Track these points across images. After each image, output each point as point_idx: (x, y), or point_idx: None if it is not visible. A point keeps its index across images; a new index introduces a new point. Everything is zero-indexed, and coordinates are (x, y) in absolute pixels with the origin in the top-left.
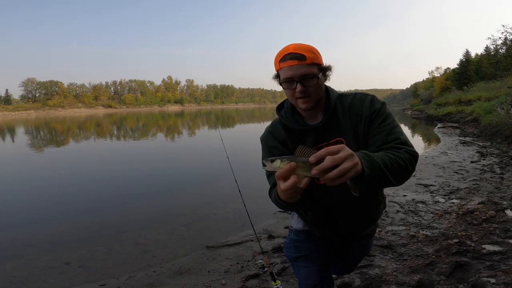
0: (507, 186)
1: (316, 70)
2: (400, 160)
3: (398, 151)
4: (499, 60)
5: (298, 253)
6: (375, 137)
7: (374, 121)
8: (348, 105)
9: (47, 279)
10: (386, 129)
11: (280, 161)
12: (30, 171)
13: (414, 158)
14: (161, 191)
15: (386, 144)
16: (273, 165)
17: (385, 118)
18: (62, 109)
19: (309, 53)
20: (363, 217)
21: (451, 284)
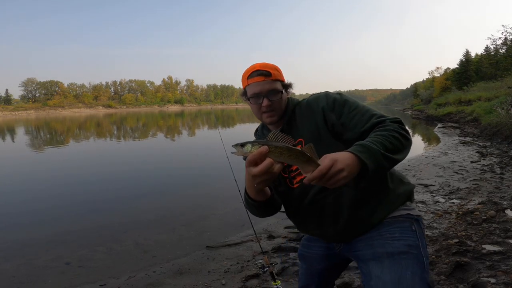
0: (507, 186)
1: (280, 86)
2: (394, 133)
3: (385, 126)
4: (499, 60)
5: (302, 251)
6: (352, 122)
7: (339, 109)
8: (305, 106)
9: (47, 279)
10: (357, 111)
11: (251, 145)
12: (30, 171)
13: (402, 123)
14: (161, 191)
15: (367, 123)
16: (244, 149)
17: (348, 102)
18: (62, 109)
19: (274, 71)
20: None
21: (451, 284)
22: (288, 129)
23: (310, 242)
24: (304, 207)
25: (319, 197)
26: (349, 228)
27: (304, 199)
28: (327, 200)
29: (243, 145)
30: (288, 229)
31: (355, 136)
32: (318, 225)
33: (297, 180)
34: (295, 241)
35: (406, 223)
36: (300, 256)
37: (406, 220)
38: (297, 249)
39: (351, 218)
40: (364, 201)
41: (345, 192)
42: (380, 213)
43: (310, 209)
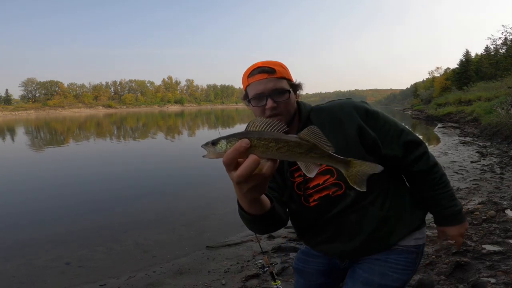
0: (507, 186)
1: (286, 84)
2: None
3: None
4: (499, 60)
5: (298, 265)
6: (387, 138)
7: (372, 122)
8: (326, 115)
9: (47, 279)
10: (389, 125)
11: (226, 142)
12: (30, 171)
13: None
14: (161, 191)
15: (399, 140)
16: (217, 148)
17: (379, 115)
18: (62, 109)
19: (278, 67)
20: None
21: (451, 284)
22: None
23: (309, 257)
24: (318, 224)
25: (342, 215)
26: (364, 247)
27: (321, 217)
28: (348, 218)
29: (215, 143)
30: (288, 229)
31: (392, 153)
32: (329, 241)
33: (315, 198)
34: (295, 241)
35: (413, 254)
36: (297, 270)
37: (414, 252)
38: (297, 249)
39: (370, 237)
40: (386, 221)
41: (371, 212)
42: (398, 234)
43: (325, 226)
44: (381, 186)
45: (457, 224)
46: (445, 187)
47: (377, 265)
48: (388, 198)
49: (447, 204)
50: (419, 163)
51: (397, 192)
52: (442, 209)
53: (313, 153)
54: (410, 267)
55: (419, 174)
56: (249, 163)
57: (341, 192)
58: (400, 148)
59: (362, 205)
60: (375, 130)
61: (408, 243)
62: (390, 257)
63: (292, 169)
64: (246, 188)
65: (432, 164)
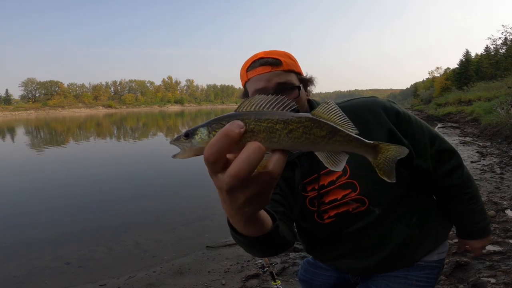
0: (507, 186)
1: (295, 79)
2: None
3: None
4: (499, 60)
5: (305, 277)
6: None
7: (404, 127)
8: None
9: (47, 279)
10: (421, 131)
11: (207, 130)
12: (30, 171)
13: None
14: (161, 191)
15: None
16: (194, 141)
17: (410, 118)
18: (62, 109)
19: (285, 58)
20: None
21: (451, 284)
22: None
23: (317, 269)
24: (331, 240)
25: (362, 232)
26: (383, 265)
27: (336, 234)
28: (369, 236)
29: (190, 134)
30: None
31: (424, 165)
32: (343, 257)
33: (331, 215)
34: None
35: (435, 270)
36: (302, 282)
37: (437, 267)
38: (297, 249)
39: (392, 255)
40: (412, 239)
41: (397, 229)
42: (423, 251)
43: (340, 242)
44: (408, 202)
45: (484, 237)
46: (477, 202)
47: (396, 283)
48: (416, 214)
49: (478, 219)
50: (453, 176)
51: (425, 207)
52: (472, 224)
53: (339, 136)
54: (431, 283)
55: (452, 188)
56: (249, 155)
57: (364, 208)
58: (433, 158)
59: (387, 222)
60: (407, 137)
61: (431, 258)
62: (410, 274)
63: (305, 181)
64: (242, 199)
65: (466, 177)
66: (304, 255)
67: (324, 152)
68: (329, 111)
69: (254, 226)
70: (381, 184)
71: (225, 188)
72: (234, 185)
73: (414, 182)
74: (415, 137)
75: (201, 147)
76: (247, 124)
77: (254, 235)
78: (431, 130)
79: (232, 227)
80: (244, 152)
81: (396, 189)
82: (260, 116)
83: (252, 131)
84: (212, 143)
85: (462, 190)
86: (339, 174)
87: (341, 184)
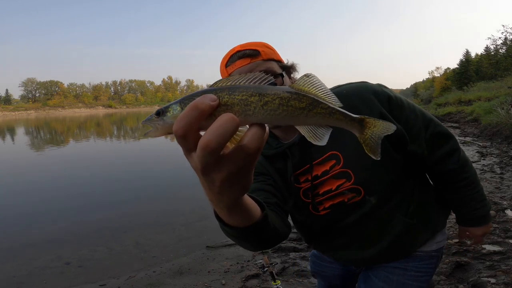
0: (507, 186)
1: (277, 67)
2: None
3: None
4: (499, 60)
5: (315, 269)
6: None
7: (397, 112)
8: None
9: (47, 279)
10: (414, 115)
11: (180, 106)
12: (30, 171)
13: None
14: (161, 191)
15: (426, 133)
16: (166, 118)
17: (403, 102)
18: (62, 109)
19: (262, 47)
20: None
21: (451, 284)
22: None
23: (323, 261)
24: (329, 232)
25: (359, 223)
26: (382, 256)
27: (333, 226)
28: (367, 226)
29: (163, 112)
30: None
31: (419, 150)
32: (342, 248)
33: (326, 206)
34: (295, 241)
35: (434, 259)
36: (315, 273)
37: (435, 256)
38: (297, 249)
39: (391, 245)
40: (411, 228)
41: (395, 219)
42: (421, 240)
43: (337, 234)
44: (404, 189)
45: (484, 224)
46: (476, 187)
47: (396, 275)
48: (414, 202)
49: (478, 206)
50: (450, 161)
51: (422, 195)
52: (472, 211)
53: (320, 109)
54: (430, 272)
55: (449, 174)
56: (220, 125)
57: (359, 198)
58: (428, 142)
59: (384, 211)
60: (400, 121)
61: (429, 248)
62: (409, 264)
63: (297, 172)
64: (219, 180)
65: (464, 162)
66: (304, 255)
67: (306, 126)
68: (310, 84)
69: (240, 215)
70: (375, 171)
71: (199, 166)
72: (207, 161)
73: (409, 169)
74: (409, 122)
75: (171, 123)
76: (220, 98)
77: (241, 225)
78: (424, 113)
79: (219, 218)
80: (215, 122)
81: (391, 175)
82: (234, 89)
83: (226, 105)
84: (181, 116)
85: (459, 175)
86: (333, 163)
87: (335, 173)
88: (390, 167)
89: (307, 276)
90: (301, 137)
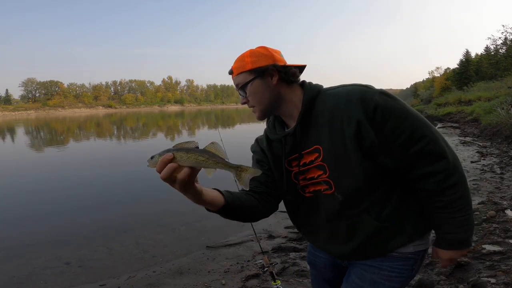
0: (507, 186)
1: (246, 77)
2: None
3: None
4: (499, 60)
5: (310, 259)
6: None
7: (380, 122)
8: (332, 102)
9: (47, 279)
10: (404, 128)
11: (158, 155)
12: (30, 172)
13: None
14: (161, 191)
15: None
16: (153, 160)
17: (394, 112)
18: (62, 109)
19: (238, 63)
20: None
21: (451, 284)
22: (302, 130)
23: (316, 251)
24: (315, 220)
25: (334, 217)
26: (357, 253)
27: (317, 212)
28: (341, 223)
29: (152, 157)
30: (288, 229)
31: (392, 164)
32: (325, 241)
33: (310, 190)
34: (295, 241)
35: (411, 261)
36: (309, 263)
37: (412, 258)
38: (297, 249)
39: (362, 245)
40: (382, 231)
41: (364, 220)
42: (395, 244)
43: (320, 225)
44: (380, 194)
45: (455, 249)
46: (458, 211)
47: (370, 272)
48: (388, 207)
49: (453, 230)
50: (427, 181)
51: (402, 201)
52: (444, 233)
53: (211, 160)
54: (405, 274)
55: (423, 192)
56: (167, 170)
57: (331, 192)
58: (410, 158)
59: (354, 212)
60: (382, 132)
61: (406, 250)
62: (384, 264)
63: (289, 158)
64: (177, 188)
65: (447, 186)
66: (304, 255)
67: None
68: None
69: (207, 204)
70: (345, 172)
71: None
72: (166, 181)
73: (387, 176)
74: (392, 135)
75: (155, 164)
76: (174, 154)
77: (212, 210)
78: (419, 129)
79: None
80: (165, 169)
81: (358, 180)
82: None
83: (175, 158)
84: (158, 163)
85: (435, 197)
86: (316, 155)
87: (317, 165)
88: (360, 172)
89: (307, 276)
90: (295, 129)
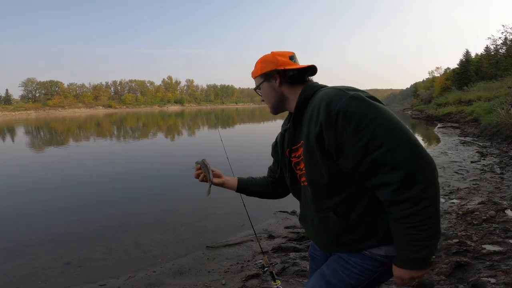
0: (507, 186)
1: (258, 80)
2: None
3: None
4: (499, 60)
5: (310, 251)
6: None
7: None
8: (314, 103)
9: (47, 279)
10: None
11: (195, 163)
12: (30, 171)
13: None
14: (161, 191)
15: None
16: (195, 165)
17: (354, 118)
18: (62, 109)
19: (253, 69)
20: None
21: (451, 284)
22: (295, 125)
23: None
24: (305, 209)
25: (315, 211)
26: (333, 247)
27: (306, 202)
28: (317, 215)
29: (196, 162)
30: (288, 229)
31: (346, 168)
32: (312, 232)
33: (303, 180)
34: (295, 241)
35: (377, 263)
36: (309, 256)
37: (380, 261)
38: (297, 249)
39: (335, 241)
40: (350, 231)
41: (331, 218)
42: (366, 244)
43: (308, 214)
44: (348, 195)
45: (407, 269)
46: (411, 229)
47: (336, 262)
48: (358, 209)
49: (405, 247)
50: (382, 192)
51: (374, 206)
52: (397, 248)
53: (203, 175)
54: (364, 273)
55: (383, 201)
56: (195, 173)
57: (306, 184)
58: (365, 165)
59: (323, 208)
60: (341, 136)
61: (377, 252)
62: (352, 259)
63: (288, 150)
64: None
65: (400, 200)
66: (304, 255)
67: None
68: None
69: (227, 187)
70: (312, 169)
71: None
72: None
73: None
74: (349, 141)
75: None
76: (196, 164)
77: (234, 190)
78: (378, 137)
79: None
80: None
81: (323, 177)
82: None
83: (199, 168)
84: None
85: (388, 208)
86: (302, 150)
87: (302, 158)
88: (324, 170)
89: (307, 276)
90: (289, 125)
